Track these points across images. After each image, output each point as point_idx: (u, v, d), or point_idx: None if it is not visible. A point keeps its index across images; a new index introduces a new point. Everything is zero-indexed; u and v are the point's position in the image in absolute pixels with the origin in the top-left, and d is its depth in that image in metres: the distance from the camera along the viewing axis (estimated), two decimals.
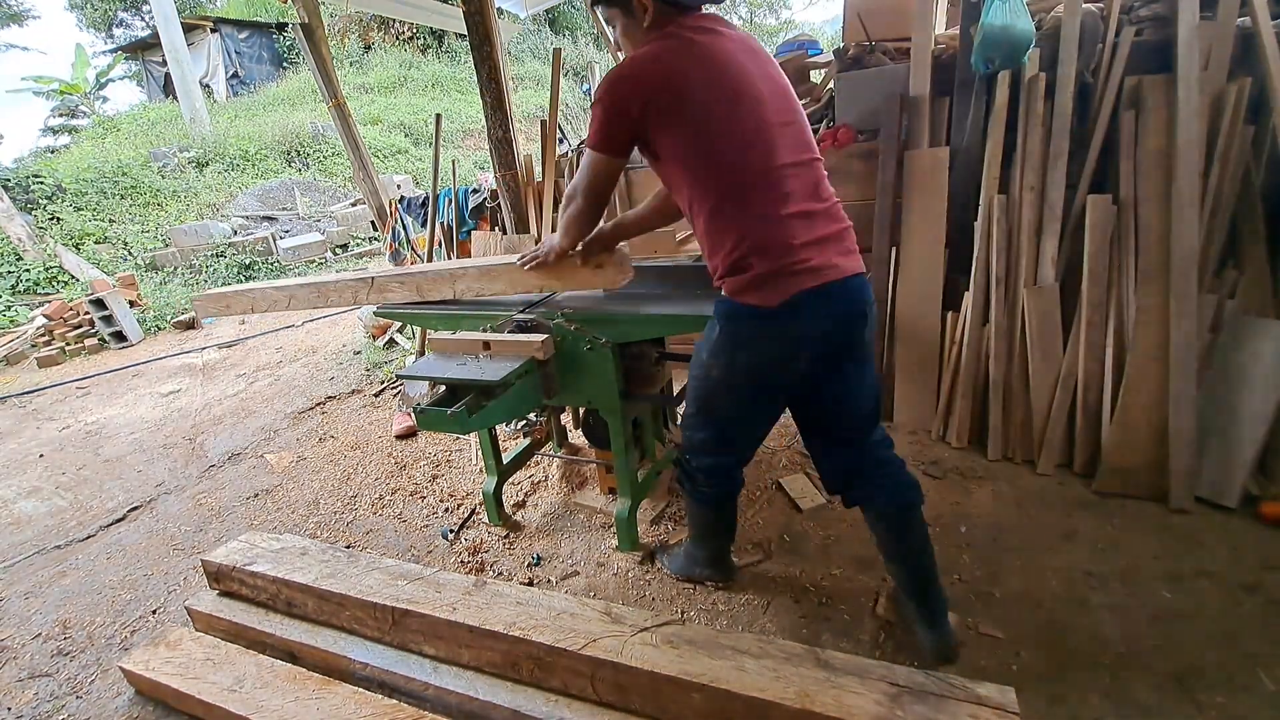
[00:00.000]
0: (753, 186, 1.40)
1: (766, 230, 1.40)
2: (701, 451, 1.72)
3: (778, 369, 1.52)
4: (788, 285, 1.41)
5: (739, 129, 1.38)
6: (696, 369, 1.63)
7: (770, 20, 21.26)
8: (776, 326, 1.45)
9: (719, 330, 1.55)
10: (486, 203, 4.12)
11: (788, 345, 1.48)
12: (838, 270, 1.44)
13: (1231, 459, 2.10)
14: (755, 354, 1.51)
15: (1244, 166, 2.14)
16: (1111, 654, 1.64)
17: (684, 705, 1.43)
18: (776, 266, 1.40)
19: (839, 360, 1.54)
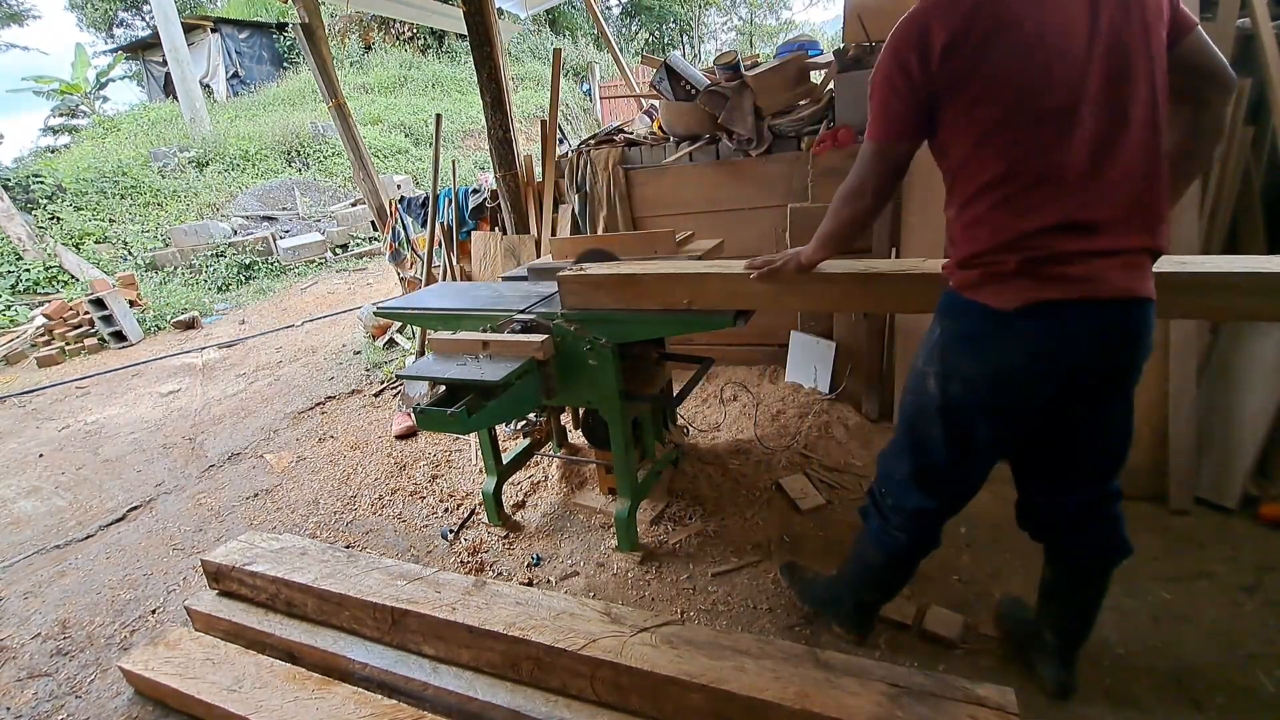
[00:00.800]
0: (1029, 175, 1.12)
1: (1029, 224, 1.13)
2: (902, 488, 1.44)
3: (1010, 391, 1.24)
4: (1035, 287, 1.14)
5: (1037, 96, 1.10)
6: (911, 380, 1.39)
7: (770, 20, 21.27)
8: (1009, 335, 1.18)
9: (938, 331, 1.31)
10: (486, 203, 4.12)
11: (1028, 360, 1.19)
12: (1110, 287, 1.13)
13: (1231, 460, 2.10)
14: (982, 364, 1.23)
15: (1244, 167, 2.14)
16: (1111, 655, 1.64)
17: (684, 705, 1.43)
18: (1024, 262, 1.14)
19: (1094, 394, 1.24)
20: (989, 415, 1.29)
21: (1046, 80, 1.10)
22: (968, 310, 1.23)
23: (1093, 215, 1.12)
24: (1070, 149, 1.11)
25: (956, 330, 1.27)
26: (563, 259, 2.35)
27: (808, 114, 3.03)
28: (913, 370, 1.39)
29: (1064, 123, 1.11)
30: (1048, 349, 1.17)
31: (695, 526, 2.32)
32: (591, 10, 6.57)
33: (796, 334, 3.21)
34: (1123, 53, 1.10)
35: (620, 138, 3.60)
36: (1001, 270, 1.16)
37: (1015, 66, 1.10)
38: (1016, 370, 1.21)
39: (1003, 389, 1.24)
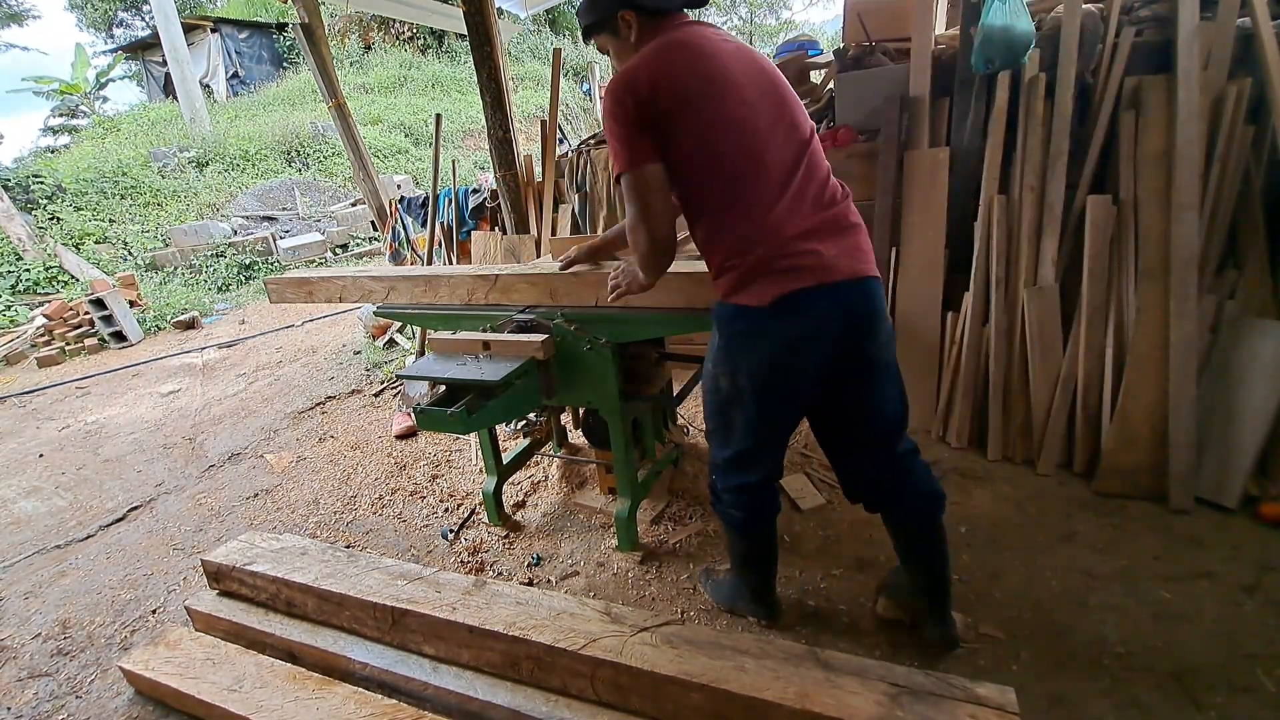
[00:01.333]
0: (743, 180, 1.36)
1: (755, 225, 1.36)
2: (726, 471, 1.64)
3: (782, 373, 1.45)
4: (779, 282, 1.36)
5: (727, 120, 1.35)
6: (706, 383, 1.59)
7: (770, 20, 21.26)
8: (772, 326, 1.40)
9: (717, 337, 1.52)
10: (486, 203, 4.12)
11: (787, 347, 1.41)
12: (838, 270, 1.37)
13: (1231, 459, 2.10)
14: (756, 357, 1.45)
15: (1244, 167, 2.14)
16: (1111, 654, 1.64)
17: (684, 705, 1.43)
18: (765, 263, 1.36)
19: (853, 366, 1.47)
20: (773, 396, 1.49)
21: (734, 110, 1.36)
22: (736, 314, 1.45)
23: (797, 211, 1.37)
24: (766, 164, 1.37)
25: (731, 332, 1.48)
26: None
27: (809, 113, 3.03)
28: (705, 374, 1.59)
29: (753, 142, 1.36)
30: (804, 330, 1.39)
31: (695, 526, 2.32)
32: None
33: None
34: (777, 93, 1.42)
35: None
36: (748, 274, 1.39)
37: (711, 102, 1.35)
38: (782, 354, 1.42)
39: (776, 372, 1.45)
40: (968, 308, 2.53)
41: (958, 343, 2.57)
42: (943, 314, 2.62)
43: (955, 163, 2.54)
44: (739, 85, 1.36)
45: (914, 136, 2.62)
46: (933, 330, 2.65)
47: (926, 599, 1.67)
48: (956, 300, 2.59)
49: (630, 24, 1.47)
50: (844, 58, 2.91)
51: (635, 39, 1.47)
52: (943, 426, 2.67)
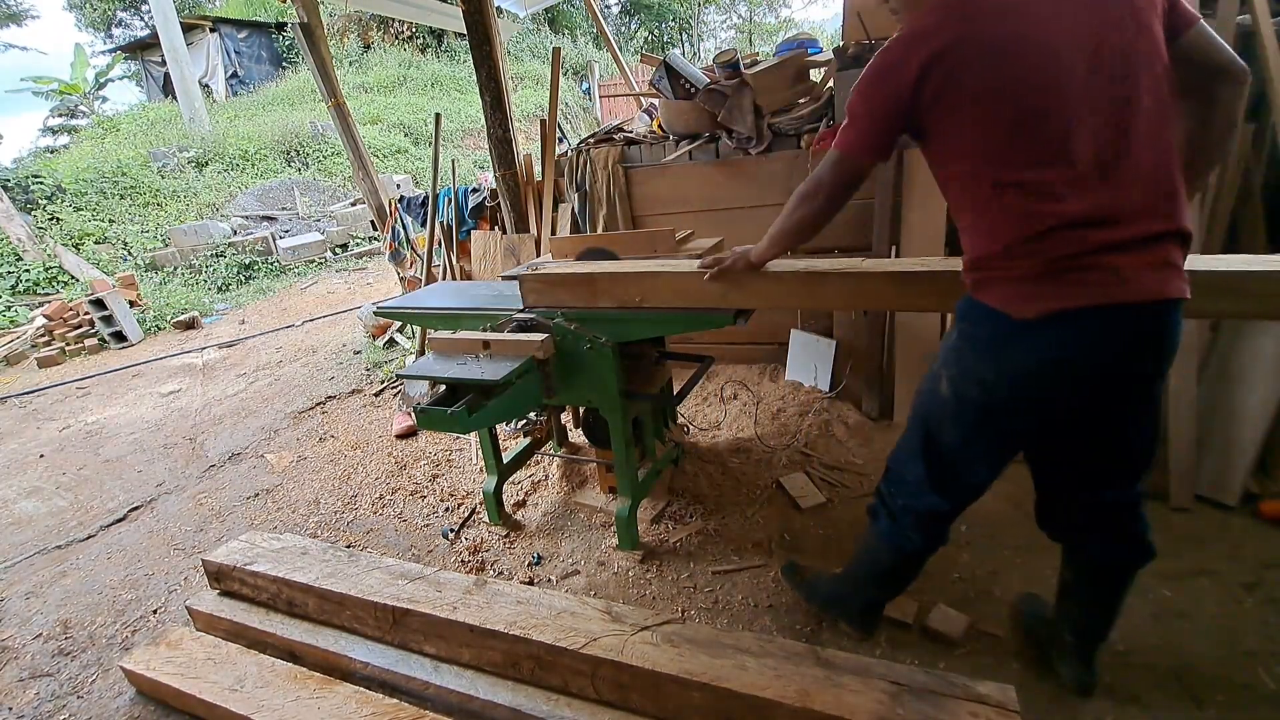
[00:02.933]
0: (1034, 183, 1.11)
1: (1040, 227, 1.10)
2: (918, 491, 1.42)
3: (1025, 399, 1.22)
4: (1056, 292, 1.11)
5: (1034, 100, 1.10)
6: (925, 382, 1.39)
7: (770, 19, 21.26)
8: (1029, 342, 1.15)
9: (954, 334, 1.30)
10: (486, 202, 4.11)
11: (1044, 365, 1.16)
12: (1140, 289, 1.09)
13: (1231, 457, 2.10)
14: (998, 370, 1.21)
15: (1244, 164, 2.14)
16: (1111, 652, 1.64)
17: (685, 704, 1.43)
18: (1045, 263, 1.11)
19: (1117, 397, 1.22)
20: (1005, 418, 1.28)
21: (1038, 86, 1.10)
22: (984, 314, 1.21)
23: (1107, 209, 1.09)
24: (1074, 148, 1.10)
25: (972, 334, 1.26)
26: (562, 258, 2.35)
27: (807, 112, 3.03)
28: (929, 372, 1.38)
29: (1062, 124, 1.10)
30: (1066, 355, 1.15)
31: (696, 525, 2.32)
32: (590, 9, 6.56)
33: (796, 332, 3.21)
34: (1115, 50, 1.10)
35: (620, 136, 3.60)
36: (1017, 275, 1.14)
37: (998, 83, 1.11)
38: (1032, 374, 1.19)
39: (1018, 393, 1.23)
40: None
41: None
42: (942, 313, 2.62)
43: None
44: (1053, 57, 1.09)
45: None
46: (932, 329, 2.65)
47: (1080, 640, 1.52)
48: None
49: None
50: (844, 56, 2.90)
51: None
52: None
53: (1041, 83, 1.10)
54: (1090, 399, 1.22)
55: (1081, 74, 1.09)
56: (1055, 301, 1.11)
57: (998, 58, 1.10)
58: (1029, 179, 1.12)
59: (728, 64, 3.12)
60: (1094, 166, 1.10)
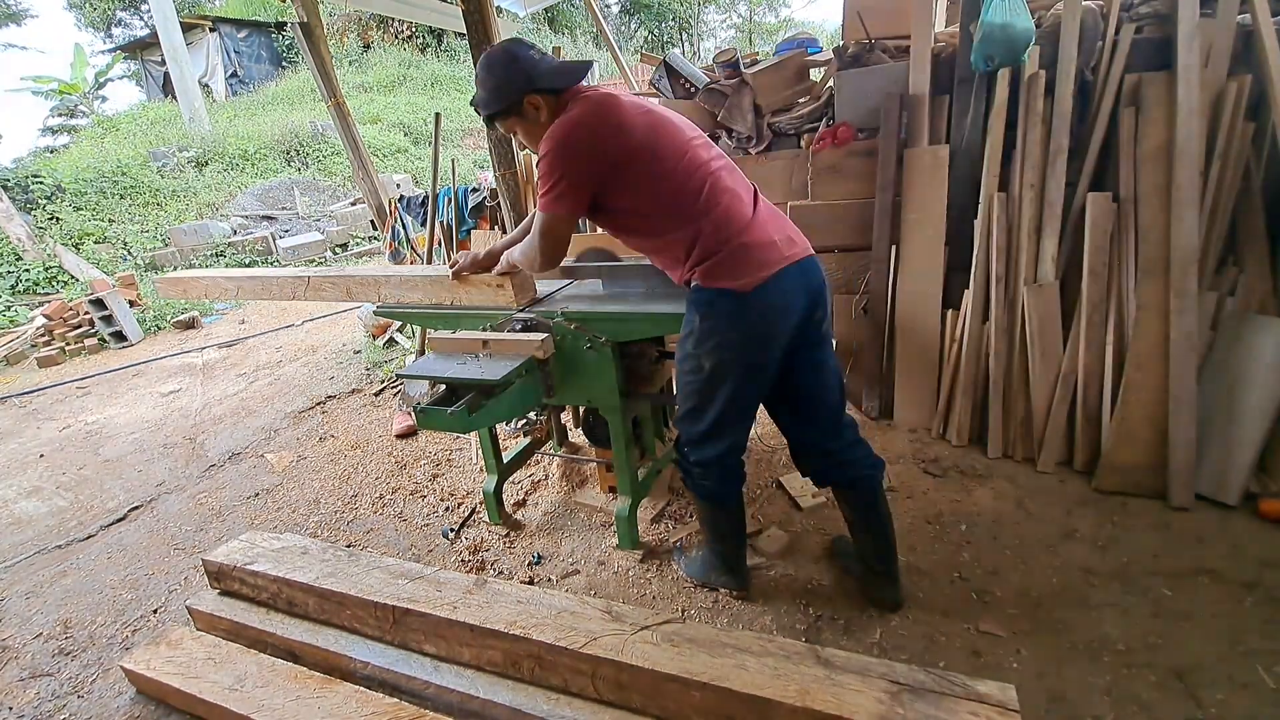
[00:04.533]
0: (698, 194, 1.55)
1: (722, 225, 1.54)
2: (700, 445, 1.76)
3: (760, 346, 1.59)
4: (759, 267, 1.53)
5: (670, 152, 1.55)
6: (685, 364, 1.69)
7: (770, 19, 21.26)
8: (756, 303, 1.54)
9: (699, 320, 1.61)
10: (486, 201, 4.12)
11: (768, 322, 1.57)
12: (797, 252, 1.58)
13: (1231, 456, 2.10)
14: (740, 333, 1.58)
15: (1244, 164, 2.14)
16: (1111, 651, 1.65)
17: (685, 703, 1.43)
18: (742, 251, 1.53)
19: (808, 341, 1.66)
20: (751, 369, 1.63)
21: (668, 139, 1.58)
22: (718, 296, 1.56)
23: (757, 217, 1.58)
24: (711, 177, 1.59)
25: (715, 313, 1.59)
26: None
27: (807, 112, 3.03)
28: (683, 356, 1.68)
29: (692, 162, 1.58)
30: (780, 302, 1.56)
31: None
32: (590, 8, 6.56)
33: None
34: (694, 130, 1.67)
35: None
36: (728, 262, 1.54)
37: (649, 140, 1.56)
38: (764, 324, 1.57)
39: (756, 343, 1.59)
40: (968, 305, 2.53)
41: (958, 340, 2.57)
42: (943, 312, 2.62)
43: (955, 160, 2.54)
44: (665, 121, 1.60)
45: (913, 134, 2.62)
46: (933, 328, 2.65)
47: (877, 561, 1.84)
48: (956, 298, 2.59)
49: (539, 106, 1.62)
50: (843, 55, 2.90)
51: (546, 118, 1.62)
52: (943, 424, 2.67)
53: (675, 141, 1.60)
54: (796, 337, 1.62)
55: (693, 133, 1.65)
56: (762, 271, 1.54)
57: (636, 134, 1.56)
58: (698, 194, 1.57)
59: (727, 63, 3.11)
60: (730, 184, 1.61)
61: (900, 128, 2.62)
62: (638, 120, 1.57)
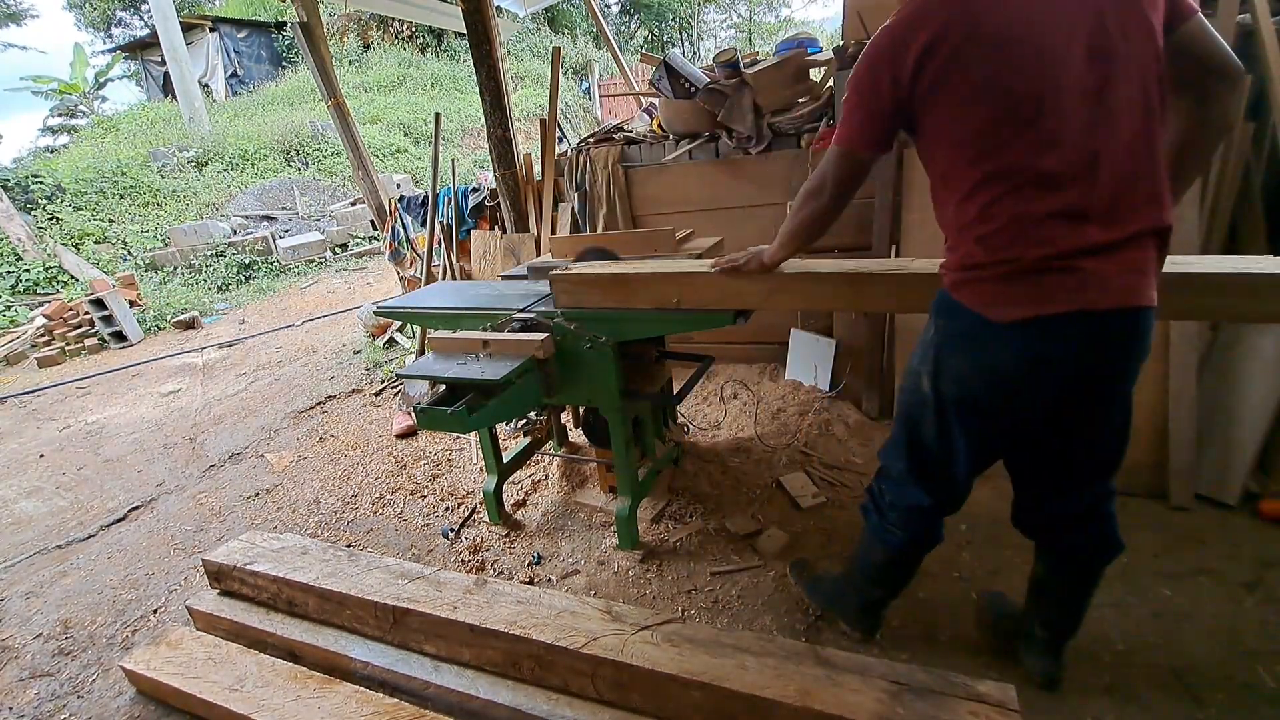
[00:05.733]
0: (1019, 169, 1.11)
1: (1024, 221, 1.12)
2: (899, 485, 1.47)
3: (1001, 396, 1.24)
4: (1029, 298, 1.13)
5: (1021, 87, 1.09)
6: (906, 379, 1.42)
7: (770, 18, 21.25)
8: (1002, 342, 1.18)
9: (932, 330, 1.32)
10: (486, 201, 4.11)
11: (1020, 363, 1.19)
12: (1110, 295, 1.11)
13: (1231, 457, 2.10)
14: (973, 368, 1.24)
15: (1244, 163, 2.14)
16: (1112, 651, 1.65)
17: (685, 703, 1.43)
18: (1023, 267, 1.12)
19: (1089, 397, 1.25)
20: (981, 414, 1.30)
21: (1026, 78, 1.09)
22: (961, 313, 1.23)
23: (1088, 207, 1.10)
24: (1060, 142, 1.10)
25: (949, 330, 1.28)
26: (562, 258, 2.35)
27: (807, 112, 3.03)
28: (908, 369, 1.41)
29: (1056, 115, 1.09)
30: (1041, 354, 1.17)
31: (696, 525, 2.32)
32: (590, 8, 6.56)
33: (796, 332, 3.21)
34: (1106, 41, 1.08)
35: (619, 136, 3.60)
36: (995, 276, 1.16)
37: (992, 69, 1.10)
38: (1008, 371, 1.21)
39: (994, 389, 1.25)
40: None
41: None
42: None
43: None
44: (1042, 44, 1.08)
45: None
46: None
47: (1050, 633, 1.54)
48: None
49: None
50: (843, 55, 2.90)
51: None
52: None
53: (1037, 71, 1.09)
54: (1062, 399, 1.24)
55: (1076, 66, 1.08)
56: (1031, 307, 1.14)
57: (994, 46, 1.09)
58: (1016, 168, 1.12)
59: (728, 63, 3.11)
60: (1081, 160, 1.10)
61: None
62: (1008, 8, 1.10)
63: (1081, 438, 1.32)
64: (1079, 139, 1.10)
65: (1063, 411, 1.27)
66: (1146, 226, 1.13)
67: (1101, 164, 1.10)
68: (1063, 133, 1.10)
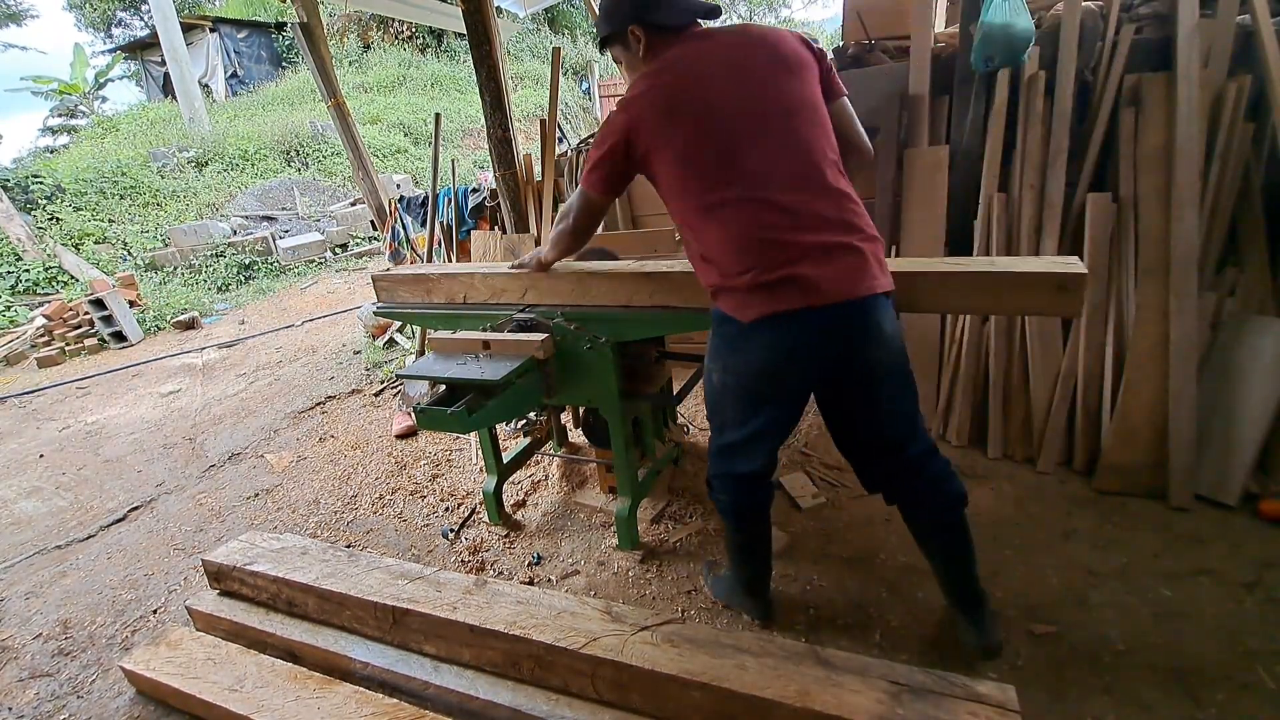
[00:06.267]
0: (728, 202, 1.39)
1: (742, 241, 1.38)
2: (719, 459, 1.68)
3: (765, 380, 1.48)
4: (764, 302, 1.37)
5: (712, 144, 1.39)
6: (705, 373, 1.64)
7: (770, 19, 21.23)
8: (754, 338, 1.43)
9: (712, 334, 1.56)
10: (486, 202, 4.12)
11: (768, 360, 1.44)
12: (828, 293, 1.35)
13: (1231, 457, 2.10)
14: (740, 361, 1.49)
15: (1244, 164, 2.14)
16: (1111, 652, 1.65)
17: (685, 703, 1.43)
18: (751, 283, 1.37)
19: (848, 377, 1.47)
20: (760, 399, 1.53)
21: (716, 132, 1.39)
22: (723, 319, 1.48)
23: (791, 224, 1.36)
24: (750, 170, 1.38)
25: (719, 334, 1.52)
26: None
27: None
28: (705, 365, 1.63)
29: (740, 155, 1.38)
30: (787, 342, 1.41)
31: (696, 525, 2.32)
32: (590, 8, 6.56)
33: None
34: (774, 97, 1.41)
35: None
36: (738, 288, 1.40)
37: (689, 130, 1.40)
38: (767, 363, 1.44)
39: (761, 379, 1.48)
40: None
41: (957, 341, 2.57)
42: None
43: (955, 161, 2.54)
44: (730, 108, 1.39)
45: (913, 134, 2.62)
46: (932, 329, 2.65)
47: (954, 602, 1.64)
48: None
49: (639, 39, 1.52)
50: (843, 56, 2.91)
51: (644, 54, 1.53)
52: (943, 425, 2.67)
53: (719, 129, 1.39)
54: (822, 376, 1.49)
55: (748, 120, 1.39)
56: (765, 308, 1.38)
57: (683, 116, 1.41)
58: (727, 197, 1.39)
59: None
60: (776, 185, 1.37)
61: (900, 128, 2.62)
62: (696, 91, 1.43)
63: (861, 412, 1.54)
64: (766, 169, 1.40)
65: (830, 391, 1.54)
66: (845, 240, 1.39)
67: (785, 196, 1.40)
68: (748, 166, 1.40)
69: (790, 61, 1.44)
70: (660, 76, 1.44)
